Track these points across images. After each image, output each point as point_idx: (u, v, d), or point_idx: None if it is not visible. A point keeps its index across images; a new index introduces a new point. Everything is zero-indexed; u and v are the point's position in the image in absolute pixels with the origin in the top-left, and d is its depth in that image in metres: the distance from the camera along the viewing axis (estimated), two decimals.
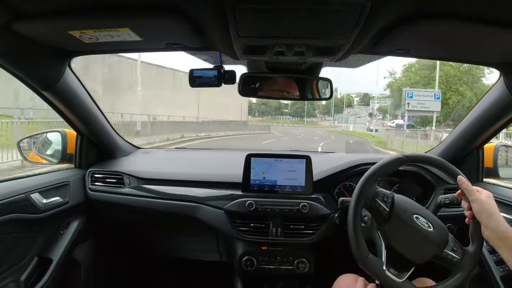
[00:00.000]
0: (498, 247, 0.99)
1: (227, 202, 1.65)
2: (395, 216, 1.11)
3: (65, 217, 1.68)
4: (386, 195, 1.14)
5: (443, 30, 0.98)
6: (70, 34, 1.05)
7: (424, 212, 1.15)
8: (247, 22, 0.93)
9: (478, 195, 1.04)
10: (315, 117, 67.37)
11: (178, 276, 2.31)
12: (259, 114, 77.26)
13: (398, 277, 1.06)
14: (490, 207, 1.02)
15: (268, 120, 68.65)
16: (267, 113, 77.87)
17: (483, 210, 1.02)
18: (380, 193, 1.14)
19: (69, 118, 1.64)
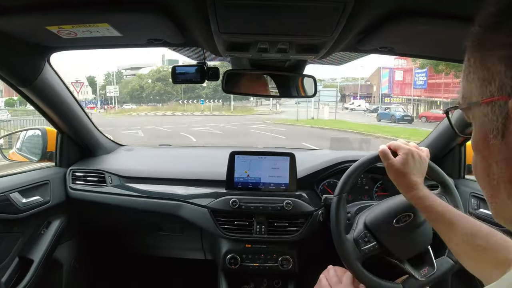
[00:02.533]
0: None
1: (211, 200, 1.64)
2: (384, 239, 1.14)
3: (46, 216, 1.65)
4: (361, 234, 1.17)
5: (427, 28, 0.99)
6: (48, 29, 1.03)
7: (397, 210, 1.16)
8: (228, 18, 0.92)
9: (403, 147, 1.07)
10: (247, 100, 43.64)
11: (162, 274, 2.29)
12: (154, 97, 53.60)
13: (431, 270, 1.12)
14: (397, 169, 1.04)
15: (171, 107, 46.21)
16: (168, 95, 53.23)
17: (389, 171, 1.06)
18: (359, 240, 1.16)
19: (49, 115, 1.61)
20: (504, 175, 0.42)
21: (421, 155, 1.07)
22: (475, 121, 0.46)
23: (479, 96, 0.43)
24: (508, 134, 0.40)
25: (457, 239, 0.89)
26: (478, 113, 0.44)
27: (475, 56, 0.44)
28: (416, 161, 1.04)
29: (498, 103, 0.40)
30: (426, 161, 1.09)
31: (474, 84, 0.44)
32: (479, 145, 0.46)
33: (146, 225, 1.86)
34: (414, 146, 1.09)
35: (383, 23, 0.96)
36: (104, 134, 2.03)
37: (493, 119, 0.41)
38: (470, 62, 0.45)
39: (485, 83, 0.42)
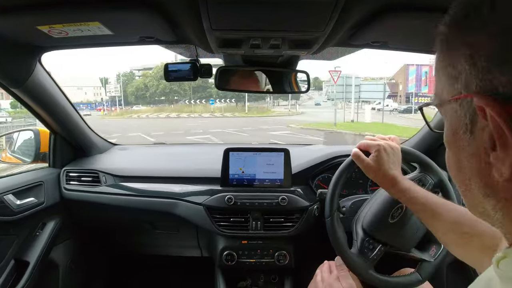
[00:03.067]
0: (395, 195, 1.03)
1: (206, 198, 1.64)
2: (386, 239, 1.15)
3: (41, 218, 1.64)
4: (364, 242, 1.17)
5: (422, 22, 0.99)
6: (38, 29, 1.02)
7: (389, 207, 1.17)
8: (220, 15, 0.92)
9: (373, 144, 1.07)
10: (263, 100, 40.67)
11: (159, 273, 2.29)
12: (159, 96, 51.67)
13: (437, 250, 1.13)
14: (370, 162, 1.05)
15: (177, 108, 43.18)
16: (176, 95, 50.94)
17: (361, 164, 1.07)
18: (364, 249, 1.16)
19: (41, 116, 1.60)
20: (474, 170, 0.43)
21: (392, 146, 1.07)
22: (447, 117, 0.47)
23: (448, 94, 0.44)
24: (475, 130, 0.40)
25: (443, 228, 0.90)
26: (449, 110, 0.45)
27: (443, 53, 0.45)
28: (389, 154, 1.04)
29: (466, 100, 0.41)
30: (398, 148, 1.09)
31: (443, 81, 0.45)
32: (450, 140, 0.47)
33: (142, 224, 1.85)
34: (382, 138, 1.10)
35: (375, 17, 0.96)
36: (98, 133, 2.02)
37: (462, 115, 0.42)
38: (440, 59, 0.46)
39: (453, 81, 0.42)
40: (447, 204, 0.92)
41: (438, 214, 0.90)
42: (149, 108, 45.36)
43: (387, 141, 1.08)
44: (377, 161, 1.03)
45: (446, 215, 0.89)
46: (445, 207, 0.91)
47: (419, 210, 0.96)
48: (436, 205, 0.92)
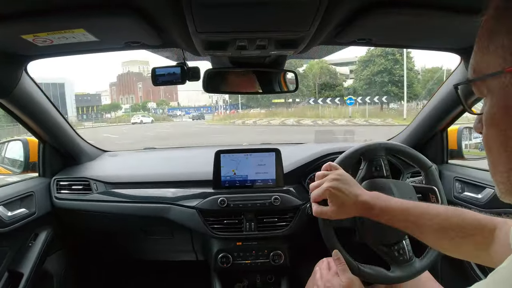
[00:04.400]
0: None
1: (199, 201, 1.64)
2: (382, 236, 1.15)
3: (33, 228, 1.63)
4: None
5: (404, 18, 1.00)
6: (23, 38, 1.01)
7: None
8: (205, 18, 0.92)
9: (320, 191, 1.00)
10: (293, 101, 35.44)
11: (155, 279, 2.28)
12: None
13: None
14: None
15: (297, 110, 32.21)
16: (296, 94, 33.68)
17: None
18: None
19: (29, 125, 1.59)
20: None
21: (336, 177, 0.99)
22: (492, 93, 0.45)
23: (499, 66, 0.42)
24: None
25: (431, 237, 0.89)
26: (496, 84, 0.43)
27: (501, 25, 0.44)
28: (342, 188, 0.97)
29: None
30: (341, 171, 1.03)
31: (494, 55, 0.43)
32: (498, 117, 0.45)
33: (135, 230, 1.84)
34: (322, 176, 1.03)
35: (359, 15, 0.97)
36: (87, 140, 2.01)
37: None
38: (493, 32, 0.45)
39: (504, 53, 0.41)
40: (429, 211, 0.89)
41: (422, 225, 0.88)
42: (258, 112, 36.09)
43: (329, 175, 1.01)
44: (337, 203, 0.96)
45: (429, 224, 0.87)
46: (426, 215, 0.88)
47: (401, 226, 0.93)
48: (417, 215, 0.89)
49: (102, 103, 59.49)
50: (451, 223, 0.84)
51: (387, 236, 1.14)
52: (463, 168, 1.69)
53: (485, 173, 1.55)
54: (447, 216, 0.86)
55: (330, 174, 1.02)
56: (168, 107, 57.30)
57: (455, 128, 1.77)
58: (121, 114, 53.23)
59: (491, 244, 0.76)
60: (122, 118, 46.53)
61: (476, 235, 0.80)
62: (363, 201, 0.95)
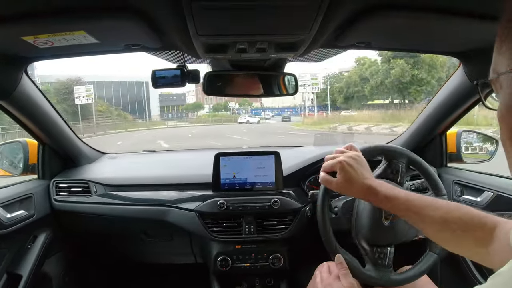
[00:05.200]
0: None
1: (198, 204, 1.63)
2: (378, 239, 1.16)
3: (32, 230, 1.62)
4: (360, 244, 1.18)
5: (403, 21, 1.01)
6: (23, 40, 1.01)
7: (374, 210, 1.18)
8: (205, 20, 0.92)
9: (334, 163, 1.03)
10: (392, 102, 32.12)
11: (154, 281, 2.27)
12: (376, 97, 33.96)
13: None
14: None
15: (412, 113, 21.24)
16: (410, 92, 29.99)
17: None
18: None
19: (28, 127, 1.59)
20: None
21: (353, 155, 1.03)
22: (502, 91, 0.49)
23: (508, 66, 0.47)
24: None
25: (432, 228, 0.90)
26: (504, 83, 0.48)
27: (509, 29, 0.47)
28: (353, 166, 1.00)
29: None
30: (360, 155, 1.05)
31: (505, 55, 0.48)
32: (504, 114, 0.49)
33: (134, 232, 1.84)
34: (340, 152, 1.06)
35: (359, 18, 0.97)
36: (86, 143, 2.01)
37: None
38: (504, 35, 0.48)
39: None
40: (432, 204, 0.91)
41: (424, 216, 0.89)
42: (367, 114, 29.32)
43: (347, 153, 1.04)
44: (347, 178, 0.99)
45: (432, 215, 0.88)
46: (430, 207, 0.90)
47: (404, 215, 0.95)
48: (420, 207, 0.91)
49: (186, 103, 59.65)
50: (453, 216, 0.85)
51: (376, 237, 1.16)
52: (462, 171, 1.69)
53: (484, 176, 1.55)
54: (450, 210, 0.87)
55: (348, 152, 1.05)
56: (251, 107, 55.86)
57: (454, 131, 1.78)
58: (203, 113, 54.17)
59: (491, 241, 0.77)
60: (202, 118, 47.99)
61: (477, 231, 0.81)
62: (369, 184, 0.97)
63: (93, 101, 29.91)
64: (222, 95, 1.53)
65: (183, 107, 57.85)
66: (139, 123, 39.34)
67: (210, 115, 49.44)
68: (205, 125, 37.53)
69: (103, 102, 37.59)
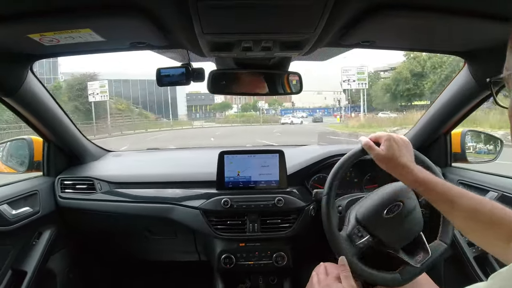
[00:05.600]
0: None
1: (202, 201, 1.64)
2: (378, 232, 1.15)
3: (37, 227, 1.63)
4: (354, 229, 1.18)
5: (409, 21, 1.00)
6: (29, 37, 1.02)
7: (386, 201, 1.18)
8: (211, 19, 0.92)
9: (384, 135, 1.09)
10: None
11: (157, 279, 2.28)
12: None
13: (426, 255, 1.12)
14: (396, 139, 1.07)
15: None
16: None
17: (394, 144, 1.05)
18: (352, 235, 1.17)
19: (34, 124, 1.60)
20: None
21: (403, 138, 1.08)
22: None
23: None
24: None
25: (460, 216, 0.91)
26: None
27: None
28: (399, 145, 1.05)
29: None
30: (410, 143, 1.09)
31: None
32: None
33: (139, 230, 1.85)
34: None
35: (364, 17, 0.97)
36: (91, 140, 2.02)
37: None
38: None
39: None
40: (464, 194, 0.92)
41: (455, 202, 0.91)
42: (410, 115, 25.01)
43: (398, 135, 1.09)
44: (388, 149, 1.03)
45: (463, 203, 0.90)
46: (462, 196, 0.91)
47: (436, 199, 0.96)
48: (453, 194, 0.92)
49: (214, 102, 56.46)
50: (484, 208, 0.87)
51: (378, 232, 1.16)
52: (466, 171, 1.69)
53: (489, 176, 1.54)
54: (482, 201, 0.89)
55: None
56: (281, 107, 54.13)
57: (459, 131, 1.77)
58: (231, 113, 51.85)
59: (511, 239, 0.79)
60: (230, 118, 45.54)
61: (502, 226, 0.82)
62: (407, 163, 1.01)
63: (107, 98, 27.46)
64: (226, 93, 1.54)
65: (211, 107, 55.69)
66: (161, 123, 36.91)
67: (238, 115, 47.81)
68: (233, 126, 35.57)
69: (123, 101, 34.84)
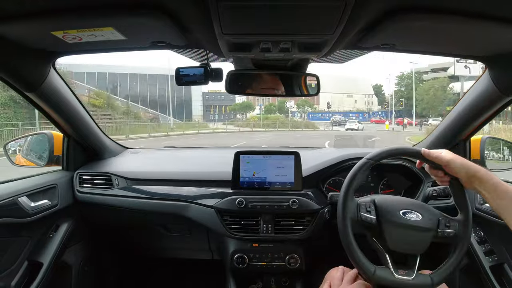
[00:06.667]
0: (482, 190, 1.05)
1: (217, 200, 1.65)
2: (384, 220, 1.12)
3: (54, 220, 1.66)
4: (367, 203, 1.14)
5: (429, 24, 0.99)
6: (53, 34, 1.04)
7: (408, 205, 1.15)
8: (231, 19, 0.92)
9: (447, 156, 1.09)
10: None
11: (170, 275, 2.30)
12: None
13: (408, 276, 1.07)
14: (461, 160, 1.07)
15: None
16: None
17: (458, 165, 1.06)
18: (361, 204, 1.14)
19: (55, 119, 1.63)
20: None
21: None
22: None
23: None
24: None
25: None
26: None
27: None
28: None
29: None
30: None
31: None
32: None
33: (153, 226, 1.87)
34: None
35: (384, 20, 0.96)
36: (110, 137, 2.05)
37: None
38: None
39: None
40: None
41: None
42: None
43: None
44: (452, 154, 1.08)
45: None
46: None
47: (496, 204, 1.00)
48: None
49: (235, 102, 49.86)
50: None
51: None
52: None
53: None
54: None
55: None
56: (312, 110, 49.51)
57: (479, 138, 1.73)
58: (254, 115, 45.36)
59: None
60: (251, 121, 38.15)
61: None
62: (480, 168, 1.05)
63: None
64: (243, 94, 1.55)
65: (230, 108, 49.11)
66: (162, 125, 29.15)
67: (262, 118, 39.76)
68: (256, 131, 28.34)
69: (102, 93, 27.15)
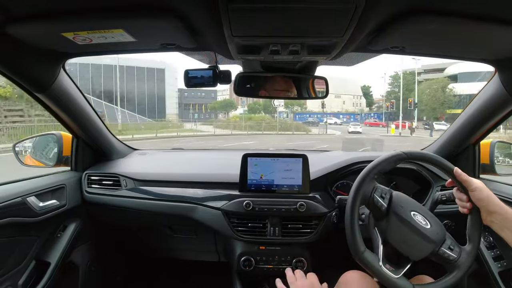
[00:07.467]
0: (502, 230, 1.01)
1: (225, 202, 1.64)
2: (393, 212, 1.11)
3: (62, 220, 1.67)
4: (384, 191, 1.13)
5: (438, 27, 0.98)
6: (63, 36, 1.05)
7: (421, 209, 1.14)
8: (240, 22, 0.93)
9: (477, 183, 1.07)
10: None
11: (176, 277, 2.30)
12: None
13: (394, 273, 1.05)
14: (488, 192, 1.05)
15: None
16: None
17: (484, 196, 1.04)
18: (378, 188, 1.13)
19: (64, 120, 1.64)
20: None
21: None
22: None
23: None
24: None
25: None
26: None
27: None
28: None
29: None
30: None
31: None
32: None
33: (161, 227, 1.87)
34: None
35: (393, 23, 0.96)
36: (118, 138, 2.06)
37: None
38: None
39: None
40: None
41: None
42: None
43: None
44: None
45: None
46: None
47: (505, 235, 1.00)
48: None
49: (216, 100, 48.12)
50: None
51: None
52: (494, 183, 1.63)
53: None
54: None
55: None
56: (302, 110, 46.82)
57: (488, 142, 1.72)
58: (236, 115, 42.07)
59: None
60: (231, 121, 33.82)
61: None
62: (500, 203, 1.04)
63: None
64: (252, 96, 1.55)
65: (210, 106, 46.71)
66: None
67: (244, 118, 35.48)
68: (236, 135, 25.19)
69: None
